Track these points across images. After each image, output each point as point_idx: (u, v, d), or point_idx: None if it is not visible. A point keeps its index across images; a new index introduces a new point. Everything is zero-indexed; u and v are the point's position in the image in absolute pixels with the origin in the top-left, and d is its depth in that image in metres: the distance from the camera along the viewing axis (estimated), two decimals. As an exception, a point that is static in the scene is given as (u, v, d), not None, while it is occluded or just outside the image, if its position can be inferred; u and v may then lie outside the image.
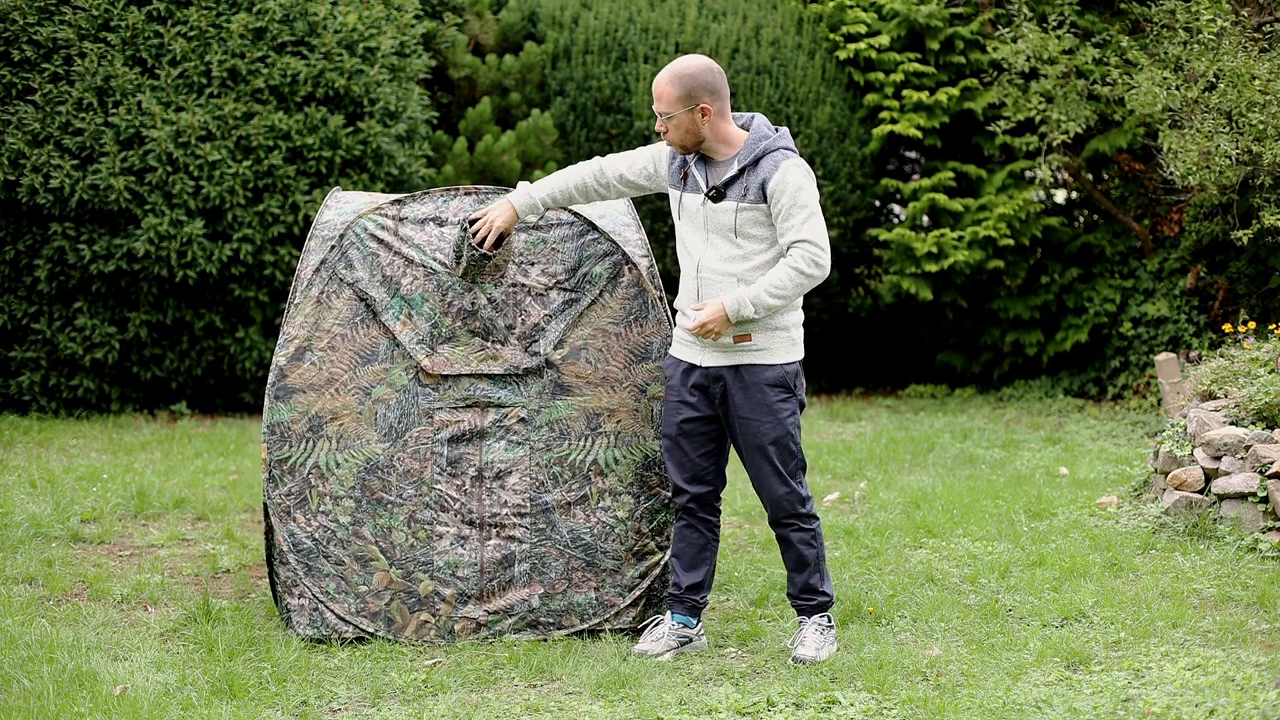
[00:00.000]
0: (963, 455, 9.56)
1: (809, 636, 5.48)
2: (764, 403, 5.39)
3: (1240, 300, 11.15)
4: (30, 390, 10.55)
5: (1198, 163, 9.69)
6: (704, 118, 5.34)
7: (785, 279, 5.27)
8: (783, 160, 5.31)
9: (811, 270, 5.28)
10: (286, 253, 10.55)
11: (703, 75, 5.34)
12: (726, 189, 5.36)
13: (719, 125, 5.38)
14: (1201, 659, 5.28)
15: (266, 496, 5.64)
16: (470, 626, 5.70)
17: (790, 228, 5.30)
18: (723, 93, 5.36)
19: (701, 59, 5.37)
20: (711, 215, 5.39)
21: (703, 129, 5.36)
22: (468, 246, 5.55)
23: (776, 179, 5.29)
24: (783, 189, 5.28)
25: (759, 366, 5.40)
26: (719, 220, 5.37)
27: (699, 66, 5.34)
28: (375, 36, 10.79)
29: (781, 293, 5.27)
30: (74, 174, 10.10)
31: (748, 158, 5.34)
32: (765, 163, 5.33)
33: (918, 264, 11.85)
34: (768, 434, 5.40)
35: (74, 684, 5.03)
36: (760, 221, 5.34)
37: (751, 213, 5.34)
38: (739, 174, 5.35)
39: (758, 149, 5.35)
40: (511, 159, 11.59)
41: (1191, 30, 9.98)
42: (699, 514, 5.58)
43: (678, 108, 5.32)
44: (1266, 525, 6.77)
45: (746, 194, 5.33)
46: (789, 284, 5.27)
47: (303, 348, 5.64)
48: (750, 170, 5.34)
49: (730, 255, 5.37)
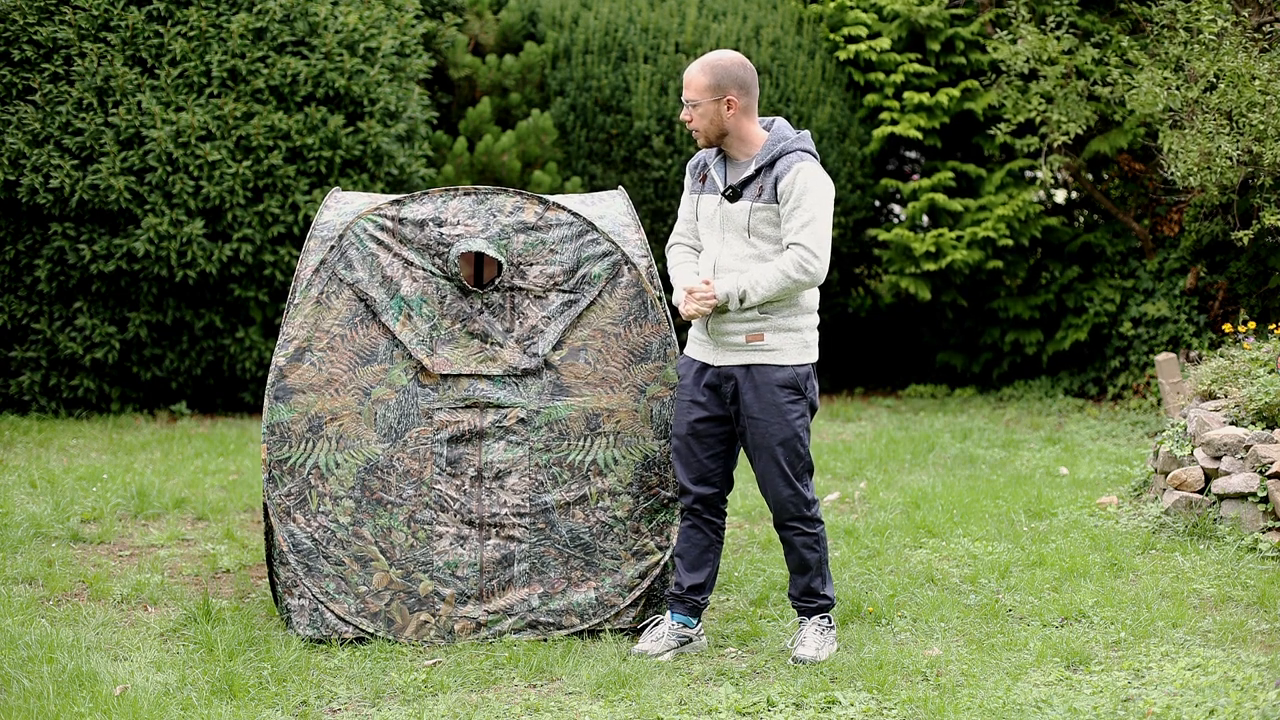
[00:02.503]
0: (963, 455, 9.56)
1: (809, 636, 5.48)
2: (774, 403, 5.40)
3: (1240, 300, 11.15)
4: (30, 390, 10.55)
5: (1198, 163, 9.69)
6: (729, 110, 5.39)
7: (771, 279, 5.30)
8: (797, 161, 5.34)
9: (799, 275, 5.29)
10: (286, 253, 10.55)
11: (734, 69, 5.41)
12: (743, 189, 5.40)
13: (743, 122, 5.43)
14: (1201, 659, 5.28)
15: (266, 497, 5.64)
16: (470, 626, 5.70)
17: (790, 229, 5.32)
18: (752, 89, 5.42)
19: (735, 54, 5.45)
20: (728, 215, 5.42)
21: (727, 122, 5.40)
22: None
23: (788, 179, 5.32)
24: (792, 189, 5.31)
25: (770, 367, 5.41)
26: (734, 219, 5.41)
27: (731, 60, 5.42)
28: (375, 36, 10.79)
29: (764, 290, 5.31)
30: (74, 174, 10.10)
31: (764, 158, 5.38)
32: (781, 163, 5.37)
33: (917, 264, 11.85)
34: (776, 435, 5.41)
35: (74, 684, 5.03)
36: (773, 221, 5.38)
37: (765, 212, 5.37)
38: (755, 174, 5.39)
39: (775, 149, 5.39)
40: (511, 159, 11.59)
41: (1192, 30, 9.98)
42: (704, 515, 5.58)
43: (705, 96, 5.38)
44: (1266, 525, 6.77)
45: (761, 194, 5.37)
46: (774, 284, 5.30)
47: (302, 348, 5.64)
48: (766, 170, 5.38)
49: (745, 254, 5.39)
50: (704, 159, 5.56)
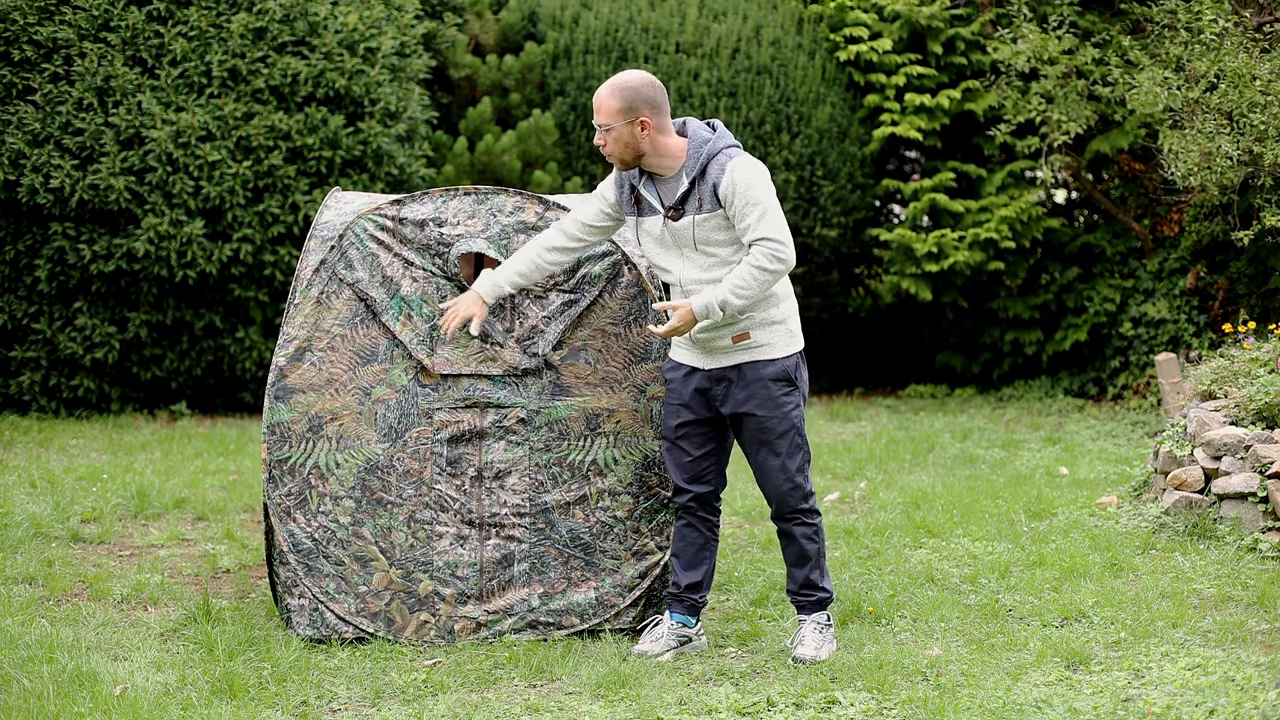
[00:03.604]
0: (963, 455, 9.56)
1: (808, 636, 5.49)
2: (769, 397, 5.40)
3: (1240, 300, 11.15)
4: (30, 390, 10.55)
5: (1198, 163, 9.69)
6: (643, 131, 5.32)
7: (748, 278, 5.25)
8: (727, 161, 5.29)
9: (774, 266, 5.25)
10: (286, 253, 10.56)
11: (644, 89, 5.33)
12: (683, 205, 5.35)
13: (659, 139, 5.36)
14: (1201, 659, 5.27)
15: (266, 497, 5.64)
16: (470, 626, 5.70)
17: (748, 227, 5.26)
18: (663, 108, 5.36)
19: (642, 73, 5.37)
20: (676, 233, 5.38)
21: (642, 143, 5.33)
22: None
23: (725, 182, 5.26)
24: (733, 190, 5.25)
25: (761, 363, 5.40)
26: (683, 236, 5.37)
27: (640, 80, 5.34)
28: (375, 37, 10.79)
29: (746, 292, 5.26)
30: (74, 174, 10.10)
31: (694, 168, 5.32)
32: (712, 168, 5.30)
33: (918, 264, 11.85)
34: (774, 428, 5.41)
35: (74, 684, 5.03)
36: (721, 226, 5.33)
37: (711, 220, 5.32)
38: (691, 187, 5.34)
39: (701, 156, 5.32)
40: (512, 159, 11.59)
41: (1193, 30, 9.98)
42: (699, 513, 5.58)
43: (617, 120, 5.31)
44: (1266, 525, 6.77)
45: (702, 205, 5.31)
46: (753, 283, 5.25)
47: (302, 348, 5.64)
48: (699, 180, 5.32)
49: (706, 265, 5.36)
50: (627, 180, 5.46)
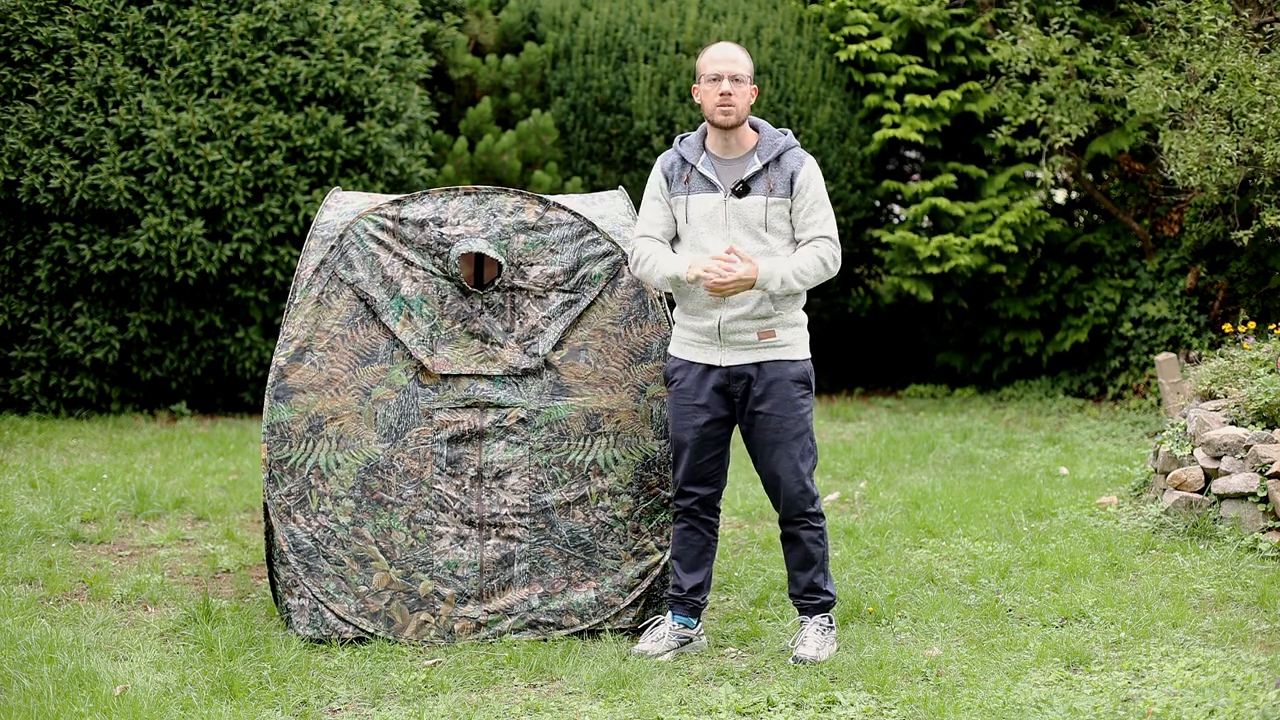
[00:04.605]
0: (963, 455, 9.56)
1: (809, 636, 5.48)
2: (789, 399, 5.40)
3: (1240, 300, 11.15)
4: (30, 390, 10.55)
5: (1198, 163, 9.69)
6: (752, 98, 5.48)
7: (812, 266, 5.35)
8: (805, 157, 5.45)
9: (833, 265, 5.41)
10: (286, 253, 10.56)
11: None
12: (752, 183, 5.39)
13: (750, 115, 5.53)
14: (1201, 659, 5.27)
15: (266, 496, 5.64)
16: (470, 626, 5.70)
17: (814, 223, 5.39)
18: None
19: None
20: (736, 211, 5.40)
21: (749, 109, 5.48)
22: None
23: (804, 173, 5.40)
24: (809, 183, 5.40)
25: (785, 362, 5.41)
26: (746, 215, 5.40)
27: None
28: (375, 37, 10.79)
29: (805, 278, 5.35)
30: (74, 174, 10.11)
31: (769, 154, 5.43)
32: (789, 158, 5.42)
33: (919, 265, 11.85)
34: (791, 430, 5.41)
35: (74, 684, 5.03)
36: (785, 216, 5.42)
37: (779, 207, 5.40)
38: (763, 169, 5.40)
39: (778, 145, 5.45)
40: (512, 159, 11.60)
41: (1192, 30, 9.98)
42: (702, 515, 5.57)
43: (749, 77, 5.46)
44: (1266, 525, 6.77)
45: (774, 189, 5.40)
46: (814, 272, 5.36)
47: (303, 348, 5.64)
48: (774, 165, 5.41)
49: (755, 250, 5.38)
50: (675, 161, 5.50)
